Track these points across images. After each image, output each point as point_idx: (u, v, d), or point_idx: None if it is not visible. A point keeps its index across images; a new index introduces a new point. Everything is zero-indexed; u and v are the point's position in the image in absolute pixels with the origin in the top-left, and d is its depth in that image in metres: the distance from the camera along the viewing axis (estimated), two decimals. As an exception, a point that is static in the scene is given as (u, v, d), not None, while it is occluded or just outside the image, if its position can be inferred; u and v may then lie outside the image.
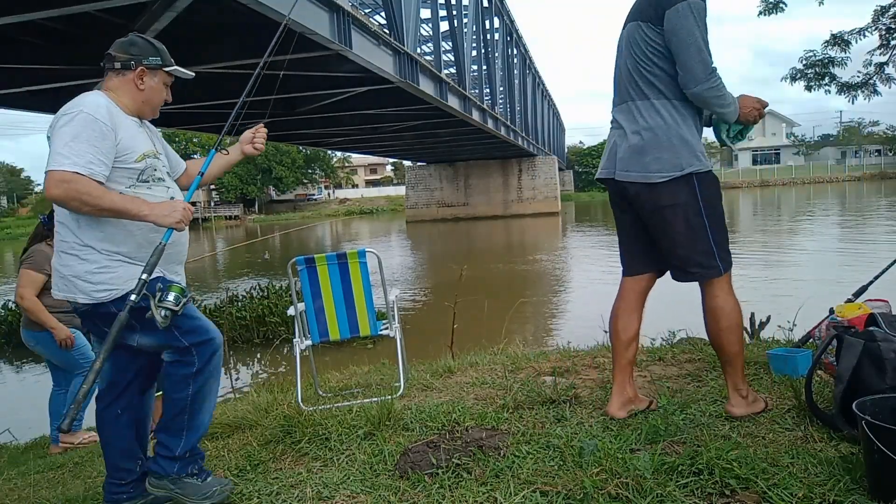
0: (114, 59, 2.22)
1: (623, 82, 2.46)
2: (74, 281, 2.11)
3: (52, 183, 1.97)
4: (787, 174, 64.60)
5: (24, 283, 4.05)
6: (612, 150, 2.49)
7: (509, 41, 29.14)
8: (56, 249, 2.17)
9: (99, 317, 2.16)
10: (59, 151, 1.98)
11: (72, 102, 2.10)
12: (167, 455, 2.17)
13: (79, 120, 2.03)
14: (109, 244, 2.11)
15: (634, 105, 2.41)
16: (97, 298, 2.10)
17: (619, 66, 2.50)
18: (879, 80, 10.18)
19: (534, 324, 10.20)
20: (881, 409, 1.84)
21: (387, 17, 12.98)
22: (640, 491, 1.81)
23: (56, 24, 8.86)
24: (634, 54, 2.39)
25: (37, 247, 4.14)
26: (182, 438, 2.18)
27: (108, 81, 2.23)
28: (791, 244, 18.80)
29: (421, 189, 44.03)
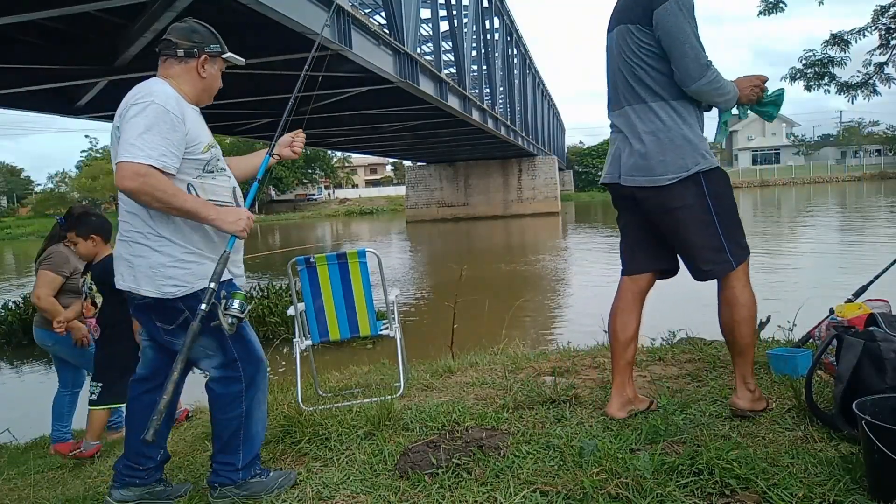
0: (176, 46, 2.19)
1: (618, 87, 2.45)
2: (144, 272, 2.08)
3: (129, 175, 1.94)
4: (787, 174, 64.59)
5: (42, 284, 4.04)
6: (616, 156, 2.48)
7: (509, 41, 29.12)
8: (124, 239, 2.13)
9: (158, 311, 2.13)
10: (132, 142, 1.96)
11: (140, 91, 2.06)
12: (230, 469, 2.19)
13: (150, 111, 2.00)
14: (183, 238, 2.10)
15: (632, 109, 2.39)
16: (164, 293, 2.07)
17: (611, 70, 2.49)
18: (879, 79, 10.18)
19: (534, 324, 10.20)
20: (881, 409, 1.84)
21: (387, 17, 12.98)
22: (640, 491, 1.81)
23: (56, 24, 8.86)
24: (626, 58, 2.38)
25: (55, 248, 4.16)
26: (241, 452, 2.20)
27: (169, 69, 2.21)
28: (791, 244, 18.79)
29: (421, 189, 44.01)
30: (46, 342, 4.19)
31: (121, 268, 2.14)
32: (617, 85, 2.46)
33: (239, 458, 2.19)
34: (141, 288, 2.08)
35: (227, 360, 2.16)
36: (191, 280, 2.09)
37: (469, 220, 40.29)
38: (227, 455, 2.19)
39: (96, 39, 9.52)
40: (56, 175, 73.53)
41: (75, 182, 67.92)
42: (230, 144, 64.61)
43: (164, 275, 2.07)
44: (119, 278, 2.15)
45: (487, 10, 23.98)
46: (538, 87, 42.57)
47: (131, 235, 2.11)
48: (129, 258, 2.11)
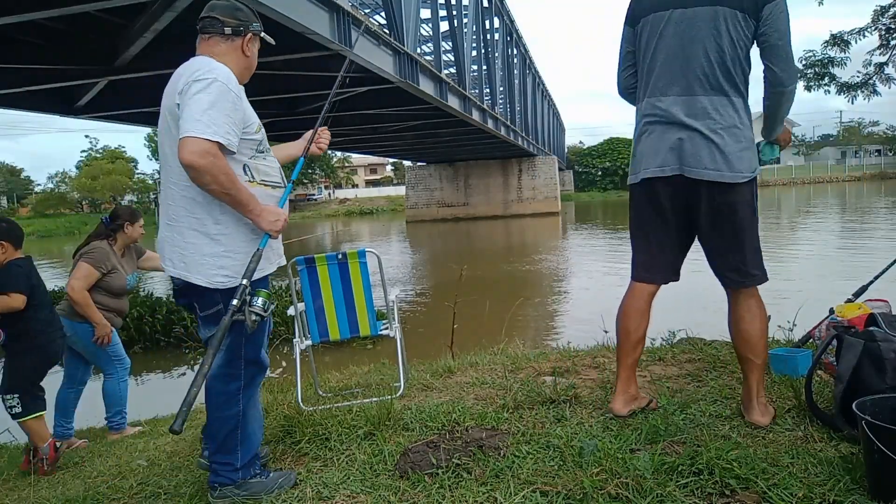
0: (223, 24, 2.15)
1: (692, 72, 2.26)
2: (197, 260, 2.07)
3: (199, 151, 1.90)
4: (787, 174, 64.59)
5: (79, 276, 4.08)
6: (675, 146, 2.28)
7: (509, 41, 29.12)
8: (177, 226, 2.10)
9: (199, 297, 2.13)
10: (197, 118, 1.92)
11: (200, 68, 2.02)
12: (231, 469, 2.19)
13: (214, 88, 1.97)
14: (237, 230, 2.10)
15: (709, 100, 2.25)
16: (214, 283, 2.07)
17: (683, 50, 2.27)
18: (879, 80, 10.19)
19: (534, 324, 10.20)
20: (881, 409, 1.84)
21: (387, 17, 12.98)
22: (640, 491, 1.81)
23: (56, 24, 8.86)
24: (719, 43, 2.22)
25: (99, 243, 4.21)
26: (239, 452, 2.19)
27: (215, 46, 2.15)
28: (791, 244, 18.79)
29: (421, 189, 44.00)
30: (66, 331, 4.20)
31: (171, 255, 2.12)
32: (691, 69, 2.26)
33: (237, 458, 2.18)
34: (192, 276, 2.08)
35: (233, 358, 2.15)
36: (237, 273, 2.08)
37: (469, 220, 40.29)
38: (225, 455, 2.19)
39: (96, 39, 9.53)
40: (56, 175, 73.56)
41: (75, 182, 67.89)
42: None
43: (216, 265, 2.07)
44: (169, 265, 2.13)
45: (487, 10, 23.98)
46: (538, 87, 42.57)
47: (187, 222, 2.08)
48: (180, 244, 2.09)
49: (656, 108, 2.33)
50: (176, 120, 2.00)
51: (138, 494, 2.49)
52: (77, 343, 4.21)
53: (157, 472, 2.76)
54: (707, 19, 2.23)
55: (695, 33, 2.25)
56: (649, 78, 2.36)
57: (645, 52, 2.37)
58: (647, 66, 2.37)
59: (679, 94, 2.29)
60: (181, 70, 2.07)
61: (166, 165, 2.13)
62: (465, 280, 6.10)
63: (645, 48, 2.36)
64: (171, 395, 7.15)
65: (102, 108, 13.17)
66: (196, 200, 2.06)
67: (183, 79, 2.01)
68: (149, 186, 70.58)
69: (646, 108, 2.37)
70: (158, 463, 2.92)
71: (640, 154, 2.38)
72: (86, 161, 68.75)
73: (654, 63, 2.33)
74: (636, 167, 2.39)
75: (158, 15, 7.52)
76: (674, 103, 2.29)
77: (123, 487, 2.59)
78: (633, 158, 2.43)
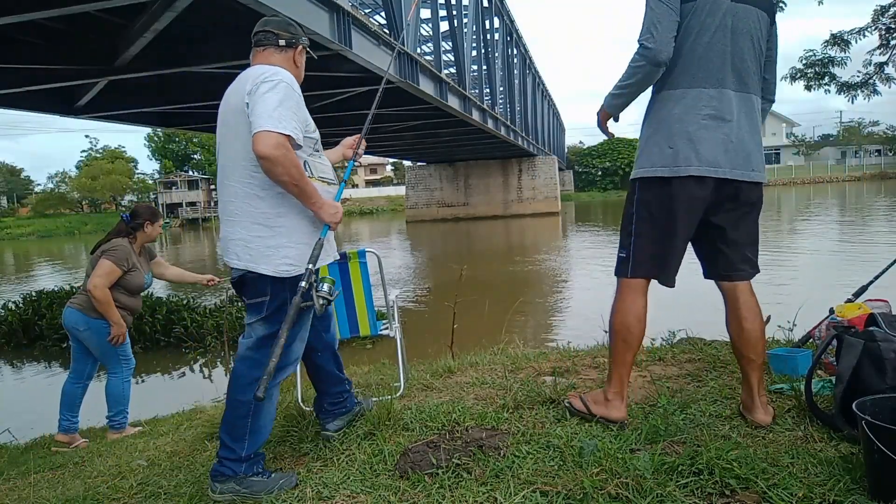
0: (277, 37, 2.38)
1: (744, 68, 2.22)
2: (262, 252, 2.19)
3: (273, 143, 2.05)
4: (787, 174, 64.59)
5: (101, 274, 4.09)
6: (730, 145, 2.19)
7: (509, 41, 29.13)
8: (241, 221, 2.22)
9: (253, 286, 2.24)
10: (269, 115, 2.08)
11: (266, 71, 2.20)
12: (233, 457, 2.22)
13: (281, 88, 2.15)
14: (297, 222, 2.24)
15: (756, 99, 2.27)
16: (280, 272, 2.20)
17: (733, 45, 2.20)
18: (879, 79, 10.19)
19: (534, 324, 10.20)
20: (881, 409, 1.84)
21: (387, 17, 12.98)
22: (640, 491, 1.81)
23: (56, 24, 8.86)
24: (758, 43, 2.23)
25: (120, 241, 4.23)
26: (246, 441, 2.23)
27: (270, 57, 2.36)
28: (791, 244, 18.79)
29: (421, 189, 44.01)
30: (79, 326, 4.20)
31: (236, 248, 2.24)
32: (743, 65, 2.21)
33: (243, 447, 2.22)
34: (259, 267, 2.20)
35: (265, 345, 2.20)
36: (300, 262, 2.21)
37: (469, 220, 40.29)
38: (233, 441, 2.22)
39: (96, 39, 9.52)
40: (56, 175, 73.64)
41: (75, 182, 67.91)
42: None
43: (280, 255, 2.20)
44: (234, 258, 2.25)
45: (487, 10, 24.00)
46: (538, 87, 42.58)
47: (252, 217, 2.21)
48: (246, 238, 2.21)
49: (711, 98, 2.19)
50: (244, 119, 2.16)
51: (138, 494, 2.49)
52: (90, 339, 4.22)
53: (157, 472, 2.76)
54: (754, 18, 2.22)
55: (743, 29, 2.20)
56: (700, 63, 2.19)
57: (697, 34, 2.18)
58: (697, 51, 2.19)
59: (735, 88, 2.21)
60: (246, 75, 2.26)
61: (228, 164, 2.27)
62: (465, 280, 6.10)
63: (698, 29, 2.18)
64: (172, 395, 7.16)
65: (102, 108, 13.17)
66: (258, 196, 2.20)
67: (250, 81, 2.18)
68: (148, 186, 70.63)
69: (692, 97, 2.19)
70: (158, 463, 2.92)
71: (684, 146, 2.18)
72: (86, 161, 68.79)
73: (709, 49, 2.19)
74: (673, 159, 2.19)
75: (158, 15, 7.52)
76: (733, 98, 2.21)
77: (123, 487, 2.59)
78: (667, 149, 2.21)
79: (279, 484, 2.22)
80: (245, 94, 2.16)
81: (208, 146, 67.24)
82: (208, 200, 68.23)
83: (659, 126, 2.25)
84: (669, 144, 2.20)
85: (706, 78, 2.19)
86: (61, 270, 24.86)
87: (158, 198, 67.17)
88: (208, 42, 9.82)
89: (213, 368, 8.87)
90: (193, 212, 65.85)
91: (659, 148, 2.23)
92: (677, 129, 2.20)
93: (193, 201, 67.32)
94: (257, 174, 2.17)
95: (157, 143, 68.63)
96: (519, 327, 8.64)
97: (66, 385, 4.40)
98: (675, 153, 2.19)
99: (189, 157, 71.50)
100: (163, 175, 69.36)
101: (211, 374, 8.65)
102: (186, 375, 8.68)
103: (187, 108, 14.29)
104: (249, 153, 2.13)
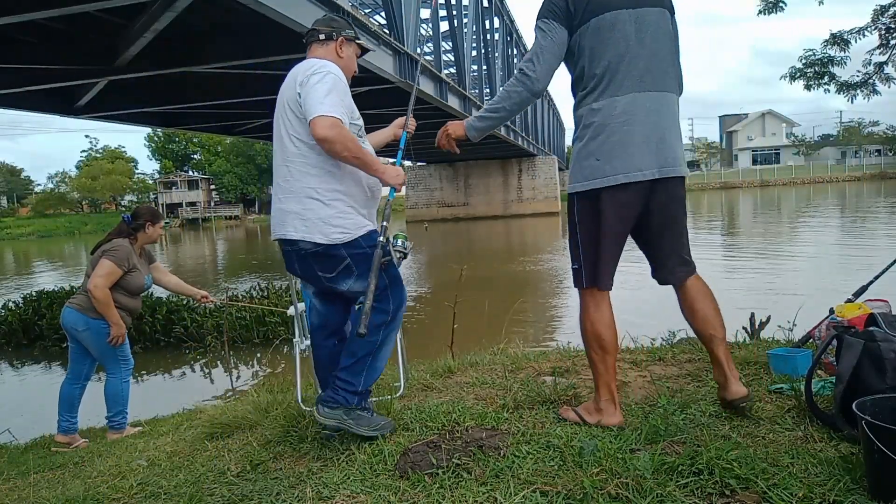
0: (318, 32, 2.58)
1: (657, 68, 2.25)
2: (316, 223, 2.39)
3: (327, 125, 2.26)
4: (787, 174, 64.61)
5: (102, 274, 4.09)
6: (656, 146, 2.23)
7: (509, 41, 29.15)
8: (295, 196, 2.41)
9: (323, 260, 2.44)
10: (321, 101, 2.29)
11: (315, 64, 2.40)
12: (350, 389, 2.43)
13: (329, 79, 2.35)
14: (347, 195, 2.44)
15: (673, 96, 2.31)
16: (333, 240, 2.40)
17: (645, 48, 2.24)
18: (879, 79, 10.18)
19: (534, 324, 10.20)
20: (881, 409, 1.84)
21: (387, 17, 12.98)
22: (640, 491, 1.81)
23: (56, 24, 8.87)
24: (668, 41, 2.29)
25: (121, 241, 4.23)
26: (363, 377, 2.45)
27: (314, 52, 2.57)
28: (791, 244, 18.80)
29: (421, 189, 44.01)
30: (78, 326, 4.20)
31: (293, 221, 2.42)
32: (655, 66, 2.25)
33: (360, 382, 2.44)
34: (314, 236, 2.39)
35: (382, 295, 2.42)
36: (353, 229, 2.42)
37: (469, 220, 40.30)
38: (351, 375, 2.44)
39: (96, 39, 9.53)
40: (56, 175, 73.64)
41: (75, 182, 67.94)
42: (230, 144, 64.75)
43: (333, 224, 2.40)
44: (291, 230, 2.42)
45: (487, 10, 24.01)
46: (538, 87, 42.52)
47: (305, 192, 2.41)
48: (300, 212, 2.41)
49: (626, 105, 2.22)
50: (296, 108, 2.38)
51: (138, 494, 2.49)
52: (89, 339, 4.22)
53: (157, 472, 2.76)
54: (656, 18, 2.27)
55: (652, 31, 2.25)
56: (611, 76, 2.23)
57: (602, 50, 2.24)
58: (607, 65, 2.23)
59: (651, 88, 2.25)
60: (298, 68, 2.45)
61: (282, 148, 2.47)
62: (465, 280, 6.11)
63: (602, 46, 2.24)
64: (172, 395, 7.16)
65: (102, 108, 13.17)
66: (311, 174, 2.42)
67: (301, 74, 2.39)
68: (148, 186, 70.65)
69: (608, 107, 2.23)
70: (158, 463, 2.92)
71: (604, 155, 2.23)
72: (86, 161, 68.81)
73: (619, 61, 2.23)
74: (596, 172, 2.24)
75: (158, 15, 7.52)
76: (650, 99, 2.24)
77: (123, 487, 2.58)
78: (587, 161, 2.27)
79: (381, 423, 2.46)
80: (297, 86, 2.37)
81: (208, 146, 67.28)
82: (208, 200, 68.27)
83: (583, 141, 2.30)
84: (596, 157, 2.25)
85: (618, 87, 2.23)
86: (61, 270, 24.87)
87: (158, 198, 67.20)
88: (208, 42, 9.82)
89: (213, 368, 8.87)
90: (193, 212, 65.88)
91: (587, 161, 2.28)
92: (600, 140, 2.24)
93: (193, 201, 67.33)
94: (310, 154, 2.39)
95: (157, 143, 68.65)
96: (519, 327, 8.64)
97: (63, 386, 4.39)
98: (601, 164, 2.24)
99: (189, 157, 71.54)
100: (163, 175, 69.40)
101: (211, 374, 8.66)
102: (186, 375, 8.68)
103: (187, 108, 14.30)
104: (301, 137, 2.38)
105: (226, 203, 68.18)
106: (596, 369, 2.39)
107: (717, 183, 66.70)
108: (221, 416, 3.22)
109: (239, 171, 65.31)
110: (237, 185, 65.61)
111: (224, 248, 36.68)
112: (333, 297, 2.60)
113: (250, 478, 2.37)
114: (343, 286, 2.47)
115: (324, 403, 2.45)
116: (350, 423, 2.42)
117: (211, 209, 67.23)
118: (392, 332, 2.52)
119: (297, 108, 2.39)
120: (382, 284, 2.41)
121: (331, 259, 2.42)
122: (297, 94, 2.36)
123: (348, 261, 2.43)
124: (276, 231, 2.50)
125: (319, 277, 2.49)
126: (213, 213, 66.50)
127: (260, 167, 64.12)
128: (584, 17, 2.22)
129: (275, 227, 2.52)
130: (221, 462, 2.60)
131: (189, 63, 10.05)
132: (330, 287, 2.50)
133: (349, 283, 2.45)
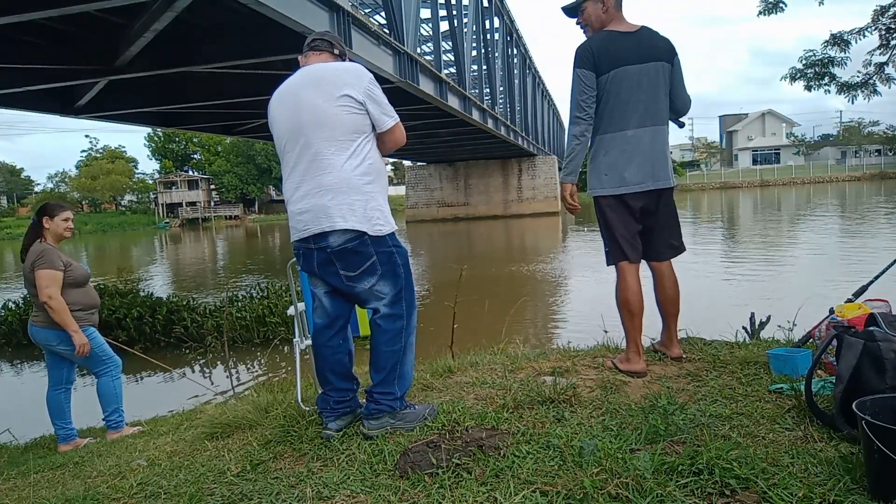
0: (333, 46, 2.73)
1: (653, 109, 3.02)
2: (360, 214, 2.49)
3: (402, 130, 2.63)
4: (787, 174, 64.61)
5: (49, 283, 4.03)
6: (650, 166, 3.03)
7: (509, 41, 29.11)
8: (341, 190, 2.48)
9: (351, 254, 2.50)
10: (390, 108, 2.58)
11: (359, 70, 2.57)
12: (389, 398, 2.55)
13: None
14: (383, 191, 2.61)
15: (664, 128, 3.06)
16: (376, 231, 2.52)
17: (646, 95, 2.99)
18: (879, 80, 10.19)
19: (534, 324, 10.20)
20: (881, 409, 1.84)
21: (387, 17, 12.97)
22: (640, 491, 1.81)
23: (56, 24, 8.86)
24: (664, 86, 3.04)
25: (42, 246, 4.15)
26: (396, 384, 2.57)
27: (324, 59, 2.69)
28: (791, 244, 18.80)
29: (421, 189, 44.00)
30: (52, 342, 4.17)
31: (342, 212, 2.48)
32: (653, 108, 3.01)
33: (396, 388, 2.55)
34: (361, 226, 2.48)
35: (396, 299, 2.55)
36: (389, 224, 2.58)
37: (469, 220, 40.30)
38: (386, 386, 2.54)
39: (96, 39, 9.52)
40: (56, 175, 73.64)
41: (75, 182, 67.94)
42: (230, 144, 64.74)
43: (376, 217, 2.52)
44: (340, 220, 2.48)
45: (487, 10, 23.98)
46: (538, 87, 42.54)
47: (350, 184, 2.50)
48: (350, 203, 2.48)
49: (628, 137, 3.00)
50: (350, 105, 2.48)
51: (138, 494, 2.49)
52: (67, 351, 4.18)
53: (157, 471, 2.75)
54: (658, 71, 3.01)
55: (652, 81, 3.00)
56: (620, 115, 3.00)
57: (616, 95, 3.00)
58: (618, 106, 3.00)
59: (644, 125, 3.01)
60: (333, 68, 2.59)
61: (315, 145, 2.51)
62: (465, 280, 6.10)
63: (616, 92, 2.99)
64: (172, 395, 7.16)
65: (102, 108, 13.16)
66: (358, 170, 2.53)
67: (349, 75, 2.54)
68: (148, 186, 70.64)
69: (618, 138, 3.02)
70: (158, 463, 2.92)
71: (612, 172, 3.03)
72: (86, 161, 68.82)
73: (626, 104, 2.99)
74: (605, 182, 3.06)
75: (158, 15, 7.52)
76: (646, 133, 3.01)
77: (123, 487, 2.58)
78: (603, 175, 3.05)
79: (425, 413, 2.57)
80: (343, 85, 2.48)
81: (208, 146, 67.25)
82: (208, 200, 68.22)
83: (597, 160, 3.10)
84: (605, 172, 3.06)
85: (625, 123, 3.01)
86: (61, 270, 24.81)
87: (158, 198, 67.19)
88: (208, 42, 9.81)
89: (213, 368, 8.87)
90: (193, 211, 65.87)
91: (599, 173, 3.08)
92: (608, 161, 3.05)
93: (193, 201, 67.31)
94: (359, 151, 2.51)
95: (157, 143, 68.63)
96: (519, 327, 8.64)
97: (48, 395, 4.36)
98: (609, 178, 3.05)
99: (189, 157, 71.51)
100: (163, 175, 69.38)
101: (211, 374, 8.66)
102: (186, 375, 8.69)
103: (187, 107, 14.29)
104: (350, 134, 2.49)
105: (226, 203, 68.20)
106: (627, 328, 3.11)
107: (717, 183, 66.72)
108: (221, 416, 3.22)
109: (239, 171, 65.30)
110: (237, 184, 65.61)
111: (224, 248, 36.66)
112: (343, 297, 2.65)
113: (250, 478, 2.37)
114: (364, 285, 2.52)
115: (368, 418, 2.55)
116: (399, 425, 2.52)
117: (211, 209, 67.22)
118: (410, 335, 2.61)
119: (352, 105, 2.48)
120: (399, 285, 2.55)
121: (358, 256, 2.49)
122: (347, 94, 2.47)
123: (374, 258, 2.50)
124: (312, 226, 2.51)
125: (340, 276, 2.54)
126: (213, 212, 66.50)
127: (260, 167, 64.11)
128: (604, 69, 2.97)
129: (308, 223, 2.52)
130: (221, 462, 2.60)
131: (189, 63, 10.04)
132: (349, 287, 2.55)
133: (371, 281, 2.51)
